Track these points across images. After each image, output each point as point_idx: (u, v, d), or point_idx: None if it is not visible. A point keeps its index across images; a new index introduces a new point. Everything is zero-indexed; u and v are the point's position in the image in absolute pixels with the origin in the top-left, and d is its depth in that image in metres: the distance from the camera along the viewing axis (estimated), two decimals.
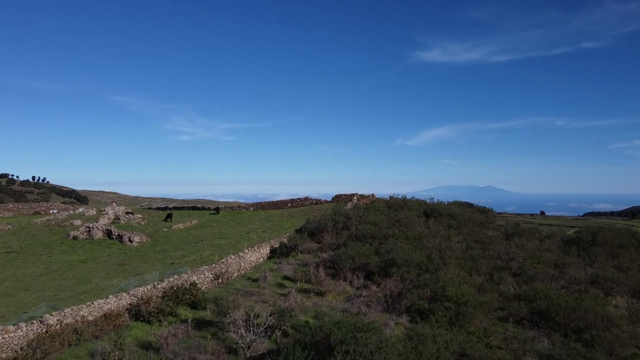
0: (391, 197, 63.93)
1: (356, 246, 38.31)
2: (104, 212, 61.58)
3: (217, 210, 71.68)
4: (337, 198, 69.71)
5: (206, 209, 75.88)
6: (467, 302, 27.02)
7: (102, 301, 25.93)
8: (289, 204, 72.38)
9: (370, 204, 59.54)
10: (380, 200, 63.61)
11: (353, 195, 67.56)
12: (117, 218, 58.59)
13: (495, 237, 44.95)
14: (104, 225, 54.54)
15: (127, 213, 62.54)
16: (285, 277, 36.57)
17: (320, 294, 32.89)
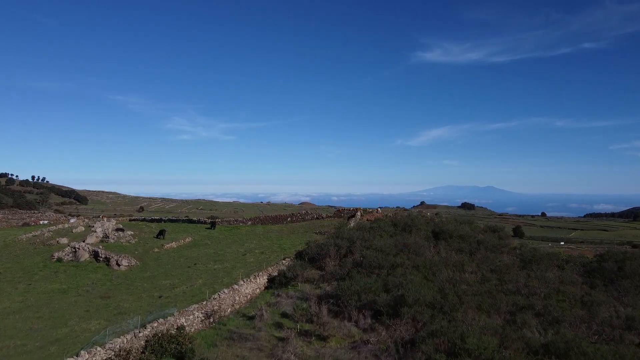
0: (396, 213, 60.55)
1: (362, 279, 34.85)
2: (92, 229, 58.16)
3: (213, 225, 68.29)
4: (340, 213, 66.45)
5: (202, 223, 72.56)
6: (491, 359, 23.55)
7: None
8: (289, 219, 69.03)
9: (375, 221, 56.11)
10: (385, 217, 60.26)
11: (356, 210, 64.25)
12: (106, 236, 55.17)
13: (511, 264, 41.52)
14: (91, 245, 51.16)
15: (117, 230, 59.13)
16: (284, 315, 33.09)
17: (323, 338, 29.44)
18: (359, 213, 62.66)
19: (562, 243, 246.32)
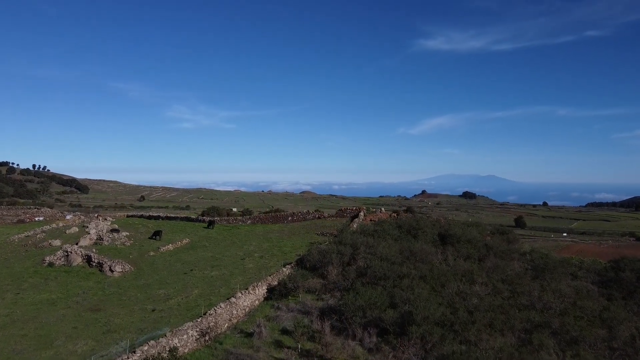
0: (400, 213, 58.52)
1: (366, 292, 32.86)
2: (86, 230, 56.24)
3: (211, 224, 66.28)
4: (342, 212, 64.46)
5: (200, 221, 70.56)
6: None
7: None
8: (290, 218, 67.04)
9: (379, 223, 54.10)
10: (389, 219, 58.25)
11: (359, 210, 62.21)
12: (100, 238, 53.23)
13: (523, 274, 39.59)
14: (84, 248, 49.25)
15: (112, 230, 57.19)
16: (285, 331, 31.15)
17: None
18: (362, 213, 60.66)
19: (565, 234, 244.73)
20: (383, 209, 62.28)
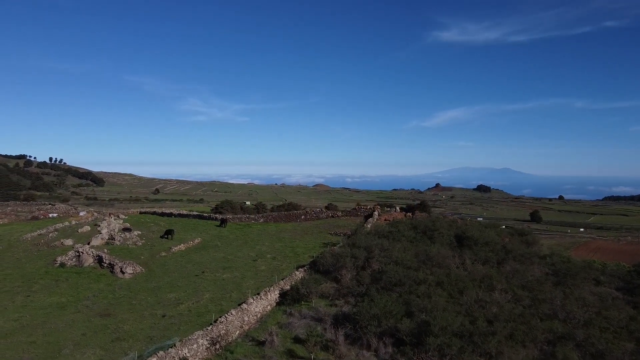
0: (416, 212, 57.26)
1: (382, 300, 31.80)
2: (98, 229, 55.88)
3: (223, 222, 65.62)
4: (356, 211, 63.34)
5: (212, 219, 69.98)
6: None
7: None
8: (302, 217, 66.08)
9: (393, 223, 52.88)
10: (404, 219, 57.00)
11: (373, 209, 61.02)
12: (111, 238, 52.79)
13: (544, 279, 38.16)
14: (96, 248, 48.85)
15: (124, 230, 56.78)
16: (297, 340, 30.26)
17: None
18: (376, 212, 59.46)
19: (582, 229, 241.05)
20: (398, 207, 61.00)
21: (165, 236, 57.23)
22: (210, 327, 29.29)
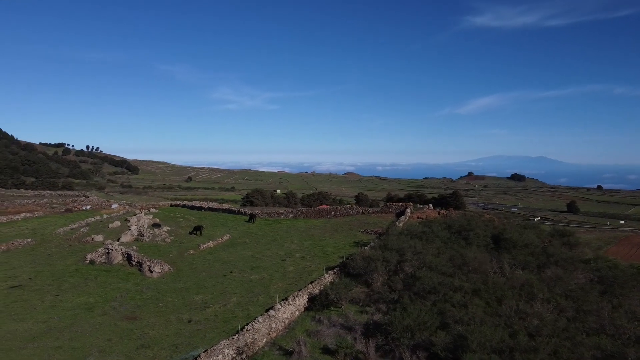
0: (451, 210, 55.09)
1: (415, 309, 30.23)
2: (128, 224, 55.92)
3: (252, 217, 64.94)
4: (387, 208, 61.52)
5: (241, 214, 69.44)
6: None
7: None
8: (332, 213, 64.73)
9: (426, 222, 50.95)
10: (437, 217, 54.94)
11: (405, 206, 59.10)
12: (140, 234, 52.68)
13: (588, 288, 35.76)
14: (125, 245, 48.76)
15: (153, 225, 56.68)
16: (326, 350, 29.05)
17: None
18: (408, 210, 57.49)
19: (622, 222, 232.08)
20: (431, 205, 58.89)
21: (194, 232, 56.89)
22: (237, 335, 28.34)
